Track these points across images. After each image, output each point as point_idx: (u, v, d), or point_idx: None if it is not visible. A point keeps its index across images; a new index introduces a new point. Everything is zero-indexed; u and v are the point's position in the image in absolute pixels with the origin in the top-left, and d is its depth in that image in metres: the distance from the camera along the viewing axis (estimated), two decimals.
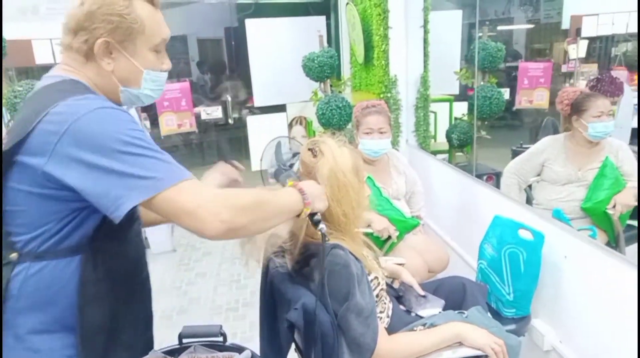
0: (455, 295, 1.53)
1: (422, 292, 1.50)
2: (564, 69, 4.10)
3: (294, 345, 1.32)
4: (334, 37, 4.53)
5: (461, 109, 3.45)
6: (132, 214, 0.94)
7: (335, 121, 2.87)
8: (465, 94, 3.50)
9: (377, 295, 1.26)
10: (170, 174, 0.88)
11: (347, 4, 3.62)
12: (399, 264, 1.61)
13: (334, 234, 1.20)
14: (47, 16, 3.66)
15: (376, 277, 1.27)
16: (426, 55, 3.08)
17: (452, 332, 1.27)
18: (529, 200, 2.41)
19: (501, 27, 5.46)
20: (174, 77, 5.80)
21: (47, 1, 3.70)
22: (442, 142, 3.49)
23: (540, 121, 3.27)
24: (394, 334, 1.26)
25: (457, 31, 3.75)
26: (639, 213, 2.05)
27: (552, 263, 1.67)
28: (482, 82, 3.06)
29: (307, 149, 1.24)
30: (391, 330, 1.28)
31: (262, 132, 3.53)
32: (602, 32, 3.62)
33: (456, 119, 3.47)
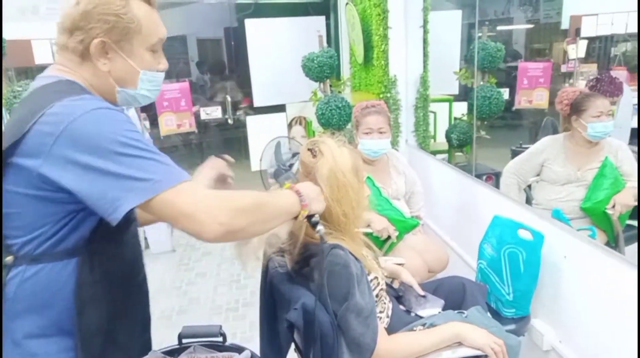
0: (454, 295, 1.53)
1: (422, 292, 1.50)
2: (564, 69, 4.09)
3: (293, 345, 1.32)
4: (333, 37, 4.53)
5: (461, 109, 3.45)
6: (129, 216, 0.92)
7: (334, 121, 2.87)
8: (464, 94, 3.50)
9: (377, 295, 1.26)
10: (168, 176, 0.87)
11: (347, 4, 3.62)
12: (399, 264, 1.62)
13: (334, 234, 1.20)
14: (46, 16, 3.66)
15: (376, 277, 1.27)
16: (426, 55, 3.07)
17: (451, 332, 1.26)
18: (529, 200, 2.41)
19: (501, 27, 5.45)
20: (174, 77, 5.81)
21: (47, 1, 3.70)
22: (441, 142, 3.48)
23: (539, 121, 3.27)
24: (394, 334, 1.26)
25: (456, 31, 3.75)
26: (638, 213, 2.05)
27: (551, 263, 1.66)
28: (482, 82, 3.07)
29: (307, 150, 1.24)
30: (391, 330, 1.28)
31: (261, 132, 3.52)
32: (602, 32, 3.61)
33: (456, 119, 3.48)
